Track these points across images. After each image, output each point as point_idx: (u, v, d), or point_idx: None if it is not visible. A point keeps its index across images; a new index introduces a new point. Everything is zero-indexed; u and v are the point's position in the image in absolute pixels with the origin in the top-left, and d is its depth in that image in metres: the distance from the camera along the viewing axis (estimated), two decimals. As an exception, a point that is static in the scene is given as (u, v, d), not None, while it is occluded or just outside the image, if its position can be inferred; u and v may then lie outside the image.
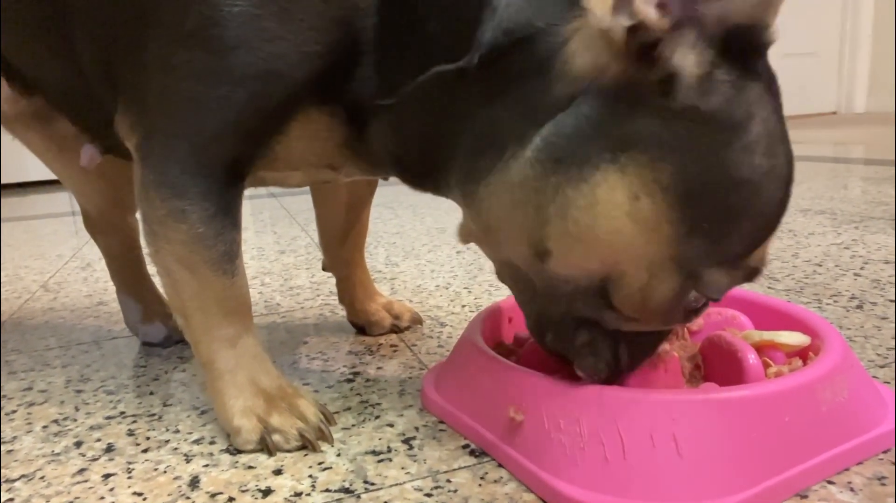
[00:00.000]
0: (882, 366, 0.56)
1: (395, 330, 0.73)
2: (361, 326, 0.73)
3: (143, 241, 0.53)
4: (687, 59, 0.32)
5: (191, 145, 0.45)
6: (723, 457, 0.38)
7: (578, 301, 0.39)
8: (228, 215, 0.47)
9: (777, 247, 1.01)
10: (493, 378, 0.47)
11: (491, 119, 0.37)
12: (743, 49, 0.33)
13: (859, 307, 0.72)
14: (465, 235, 0.44)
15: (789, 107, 0.37)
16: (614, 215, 0.35)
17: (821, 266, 0.90)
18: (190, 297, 0.48)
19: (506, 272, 0.44)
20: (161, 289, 0.59)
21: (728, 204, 0.35)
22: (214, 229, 0.46)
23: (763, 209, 0.36)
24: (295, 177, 0.52)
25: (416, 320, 0.74)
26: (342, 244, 0.71)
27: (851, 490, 0.40)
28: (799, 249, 0.99)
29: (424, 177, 0.45)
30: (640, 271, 0.36)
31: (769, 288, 0.81)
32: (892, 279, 0.81)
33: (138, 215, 0.50)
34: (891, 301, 0.73)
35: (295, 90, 0.43)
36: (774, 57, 0.36)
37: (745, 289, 0.54)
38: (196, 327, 0.49)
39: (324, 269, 0.75)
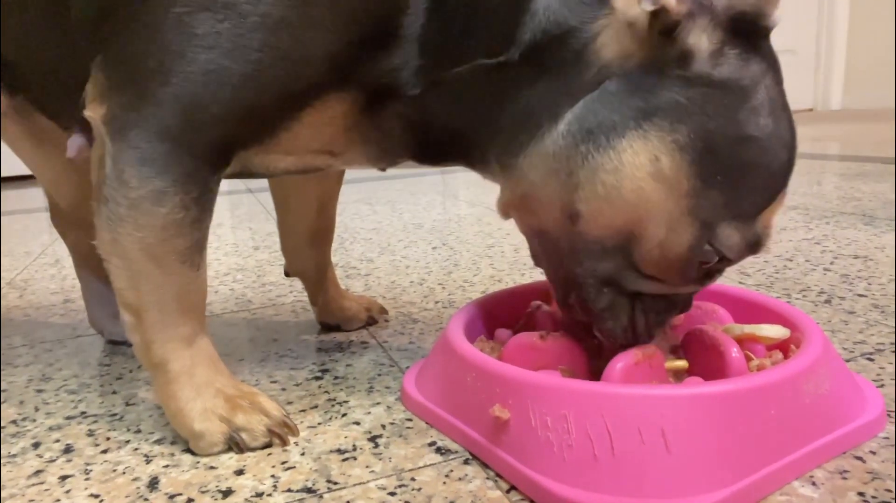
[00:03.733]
0: (848, 360, 0.57)
1: (371, 322, 0.73)
2: (334, 325, 0.73)
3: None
4: (701, 37, 0.38)
5: (188, 122, 0.42)
6: (711, 451, 0.38)
7: (603, 261, 0.43)
8: (208, 201, 0.45)
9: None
10: (477, 375, 0.46)
11: (529, 102, 0.42)
12: (748, 32, 0.39)
13: (828, 302, 0.72)
14: (505, 208, 0.47)
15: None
16: (638, 176, 0.39)
17: (791, 261, 0.90)
18: (149, 291, 0.45)
19: (537, 241, 0.46)
20: None
21: (738, 159, 0.39)
22: (193, 216, 0.44)
23: (769, 166, 0.40)
24: (286, 161, 0.49)
25: (383, 311, 0.75)
26: (313, 244, 0.70)
27: (813, 484, 0.40)
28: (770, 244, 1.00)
29: (452, 153, 0.48)
30: (660, 226, 0.40)
31: (740, 283, 0.81)
32: (861, 274, 0.82)
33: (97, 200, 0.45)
34: (859, 296, 0.74)
35: (323, 77, 0.43)
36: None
37: (722, 284, 0.54)
38: (151, 325, 0.46)
39: (287, 275, 0.72)
